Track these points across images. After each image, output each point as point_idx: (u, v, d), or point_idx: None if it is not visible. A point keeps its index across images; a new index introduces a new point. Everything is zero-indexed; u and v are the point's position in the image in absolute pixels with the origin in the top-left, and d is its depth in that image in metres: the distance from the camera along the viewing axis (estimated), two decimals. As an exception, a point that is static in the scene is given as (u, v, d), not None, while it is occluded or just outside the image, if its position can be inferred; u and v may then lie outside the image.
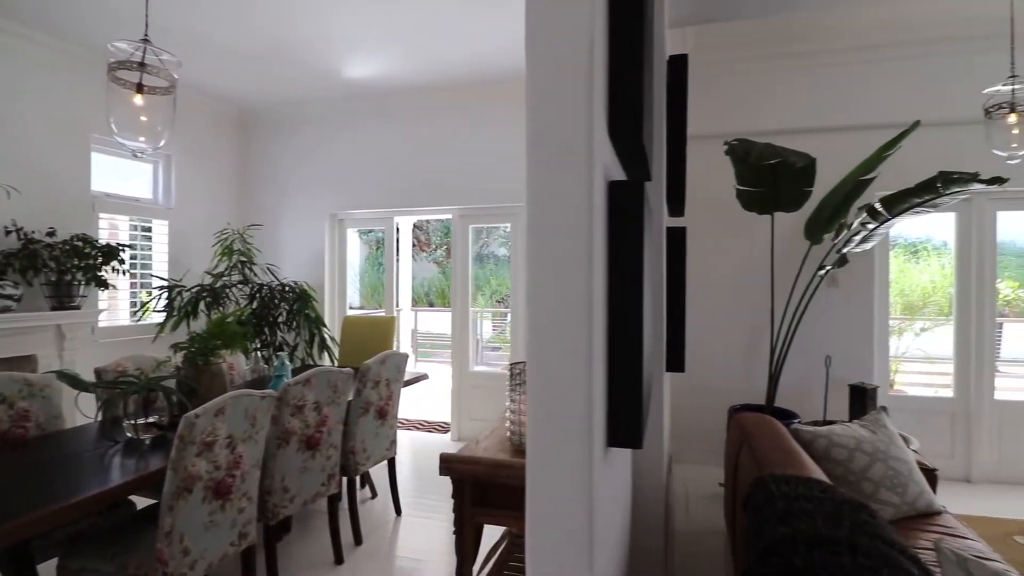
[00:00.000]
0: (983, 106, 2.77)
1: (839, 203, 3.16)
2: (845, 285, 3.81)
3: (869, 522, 1.35)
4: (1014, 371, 7.87)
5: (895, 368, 5.44)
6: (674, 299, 2.07)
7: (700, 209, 3.91)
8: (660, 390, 1.84)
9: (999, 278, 9.72)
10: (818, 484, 1.57)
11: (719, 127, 3.88)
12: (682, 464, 3.94)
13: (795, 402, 3.60)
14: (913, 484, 2.24)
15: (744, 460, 2.12)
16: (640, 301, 1.12)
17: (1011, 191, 3.67)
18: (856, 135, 3.69)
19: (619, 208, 1.13)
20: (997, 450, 3.73)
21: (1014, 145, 2.71)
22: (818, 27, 3.66)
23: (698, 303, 4.00)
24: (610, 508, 1.26)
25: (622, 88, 1.14)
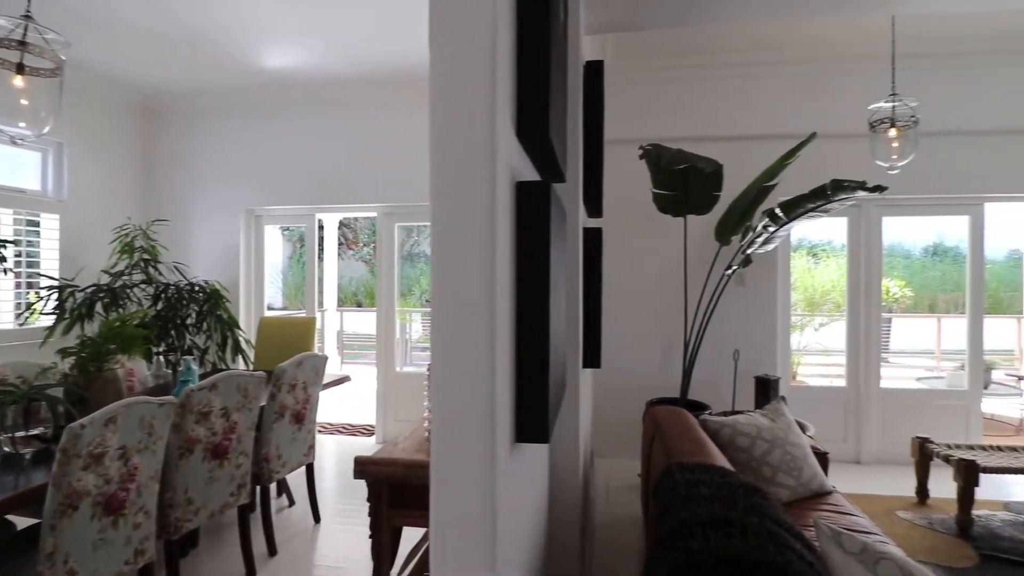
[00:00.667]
0: (868, 121, 3.03)
1: (745, 207, 3.37)
2: (752, 284, 4.07)
3: (761, 504, 1.45)
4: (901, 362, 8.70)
5: (797, 360, 5.87)
6: (591, 297, 2.13)
7: (620, 211, 4.04)
8: (576, 386, 1.88)
9: (889, 278, 10.73)
10: (719, 471, 1.66)
11: (638, 132, 4.03)
12: (604, 458, 4.06)
13: (707, 394, 3.80)
14: (807, 467, 2.43)
15: (656, 451, 2.22)
16: (546, 299, 1.14)
17: (894, 198, 4.06)
18: (761, 144, 3.94)
19: (526, 208, 1.15)
20: (883, 433, 4.11)
21: (894, 157, 3.00)
22: (727, 41, 3.88)
23: (619, 302, 4.14)
24: (521, 503, 1.28)
25: (529, 89, 1.16)
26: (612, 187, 3.96)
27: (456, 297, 0.93)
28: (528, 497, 1.37)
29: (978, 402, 4.14)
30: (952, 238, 5.80)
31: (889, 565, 1.10)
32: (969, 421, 4.10)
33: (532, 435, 1.14)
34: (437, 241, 0.95)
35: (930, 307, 10.12)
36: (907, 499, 3.38)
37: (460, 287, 0.93)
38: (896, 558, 1.12)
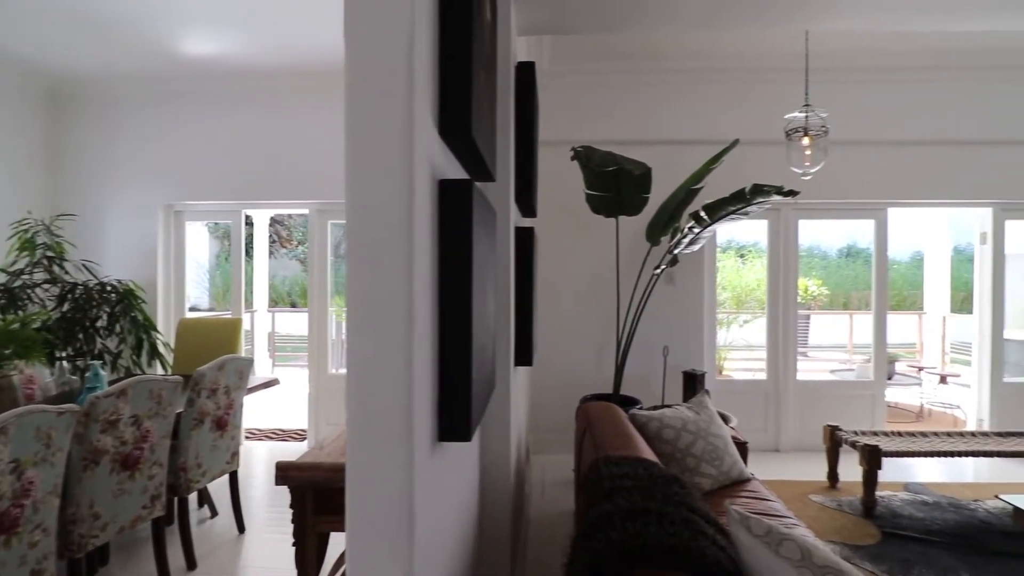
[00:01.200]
0: (784, 129, 3.22)
1: (673, 209, 3.50)
2: (681, 283, 4.24)
3: (679, 493, 1.51)
4: (818, 355, 9.28)
5: (724, 355, 6.17)
6: (523, 296, 2.15)
7: (557, 211, 4.11)
8: (507, 384, 1.90)
9: (807, 277, 11.38)
10: (642, 463, 1.72)
11: (574, 134, 4.11)
12: (541, 454, 4.11)
13: (639, 389, 3.92)
14: (728, 456, 2.55)
15: (587, 446, 2.27)
16: (469, 297, 1.14)
17: (809, 203, 4.33)
18: (689, 148, 4.11)
19: (448, 206, 1.15)
20: (799, 423, 4.38)
21: (807, 164, 3.20)
22: (658, 48, 4.02)
23: (555, 300, 4.21)
24: (446, 502, 1.28)
25: (452, 87, 1.16)
26: (549, 188, 4.02)
27: (371, 294, 0.91)
28: (454, 496, 1.36)
29: (882, 392, 4.50)
30: (863, 241, 6.19)
31: (790, 545, 1.18)
32: (875, 409, 4.45)
33: (455, 434, 1.14)
34: (352, 237, 0.93)
35: (844, 304, 10.90)
36: (819, 483, 3.62)
37: (376, 283, 0.91)
38: (797, 538, 1.19)
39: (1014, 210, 4.46)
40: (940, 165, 4.26)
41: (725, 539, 1.34)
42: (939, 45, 3.86)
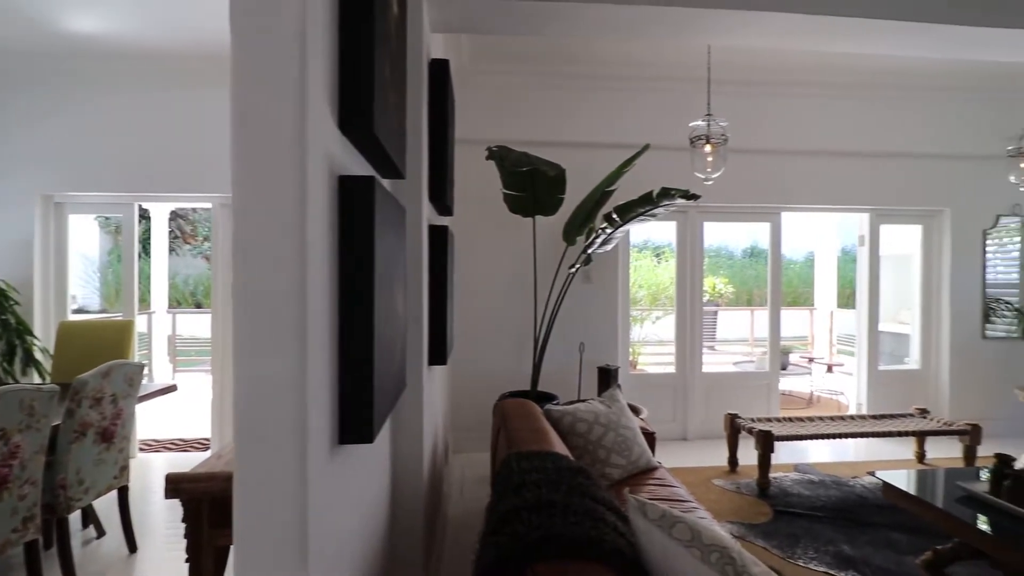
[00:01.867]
0: (688, 136, 3.41)
1: (588, 210, 3.61)
2: (597, 281, 4.38)
3: (584, 484, 1.56)
4: (725, 349, 9.90)
5: (638, 351, 6.45)
6: (437, 294, 2.13)
7: (477, 210, 4.12)
8: (419, 384, 1.88)
9: (716, 276, 12.02)
10: (552, 457, 1.76)
11: (494, 133, 4.14)
12: (462, 453, 4.11)
13: (556, 385, 4.02)
14: (637, 447, 2.67)
15: (501, 442, 2.29)
16: (371, 296, 1.12)
17: (712, 206, 4.62)
18: (604, 151, 4.25)
19: (349, 202, 1.12)
20: (705, 412, 4.66)
21: (709, 169, 3.40)
22: (576, 53, 4.12)
23: (475, 299, 4.22)
24: (349, 506, 1.24)
25: (353, 81, 1.13)
26: (468, 186, 4.03)
27: (260, 293, 0.87)
28: (359, 499, 1.33)
29: (777, 381, 4.88)
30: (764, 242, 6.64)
31: (682, 527, 1.25)
32: (770, 398, 4.82)
33: (356, 436, 1.12)
34: (239, 231, 0.89)
35: (748, 301, 11.72)
36: (722, 468, 3.88)
37: (265, 282, 0.88)
38: (688, 521, 1.27)
39: (887, 216, 4.99)
40: (826, 174, 4.67)
41: (626, 526, 1.40)
42: (827, 65, 4.23)
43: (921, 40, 2.44)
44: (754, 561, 1.22)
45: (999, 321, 4.85)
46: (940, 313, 4.95)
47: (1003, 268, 4.93)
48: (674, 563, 1.22)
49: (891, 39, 2.44)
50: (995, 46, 2.54)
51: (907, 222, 5.04)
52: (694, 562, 1.19)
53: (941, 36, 2.38)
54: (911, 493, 2.49)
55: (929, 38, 2.41)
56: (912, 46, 2.53)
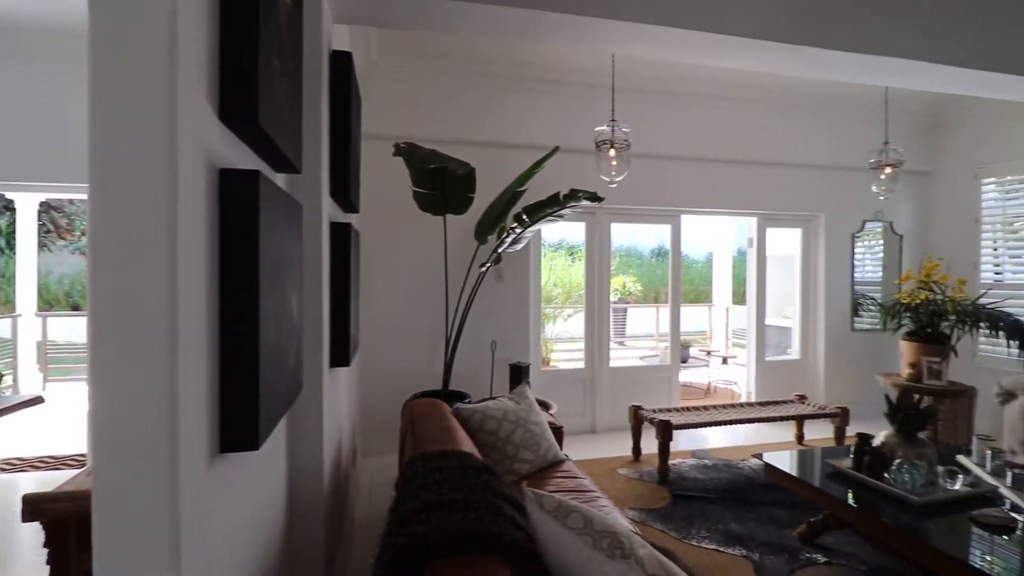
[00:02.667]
0: (594, 140, 3.53)
1: (500, 210, 3.65)
2: (509, 279, 4.44)
3: (486, 480, 1.58)
4: (634, 344, 10.35)
5: (551, 347, 6.61)
6: (340, 294, 2.07)
7: (388, 207, 4.04)
8: (318, 387, 1.82)
9: (626, 275, 12.49)
10: (457, 455, 1.77)
11: (406, 129, 4.07)
12: (372, 456, 4.02)
13: (469, 384, 4.03)
14: (544, 441, 2.74)
15: (408, 443, 2.27)
16: (256, 295, 1.07)
17: (618, 208, 4.82)
18: (517, 152, 4.31)
19: (231, 197, 1.06)
20: (612, 405, 4.86)
21: (613, 173, 3.54)
22: (484, 54, 4.15)
23: (387, 298, 4.14)
24: (235, 518, 1.18)
25: (235, 70, 1.07)
26: (379, 183, 3.93)
27: (120, 294, 0.81)
28: (248, 509, 1.27)
29: (677, 374, 5.19)
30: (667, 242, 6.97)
31: (576, 516, 1.30)
32: (671, 389, 5.11)
33: (240, 444, 1.07)
34: (95, 227, 0.82)
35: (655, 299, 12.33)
36: (626, 458, 4.06)
37: (125, 282, 0.81)
38: (582, 510, 1.33)
39: (772, 220, 5.44)
40: (720, 180, 5.02)
41: (525, 518, 1.43)
42: (720, 79, 4.54)
43: (793, 61, 2.69)
44: (641, 543, 1.29)
45: (865, 315, 5.45)
46: (816, 308, 5.48)
47: (870, 267, 5.54)
48: (568, 550, 1.27)
49: (767, 58, 2.68)
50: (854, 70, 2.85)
51: (789, 226, 5.53)
52: (586, 548, 1.25)
53: (810, 58, 2.64)
54: (787, 472, 2.75)
55: (799, 59, 2.67)
56: (785, 65, 2.79)
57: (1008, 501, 2.35)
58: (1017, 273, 4.71)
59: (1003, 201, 4.89)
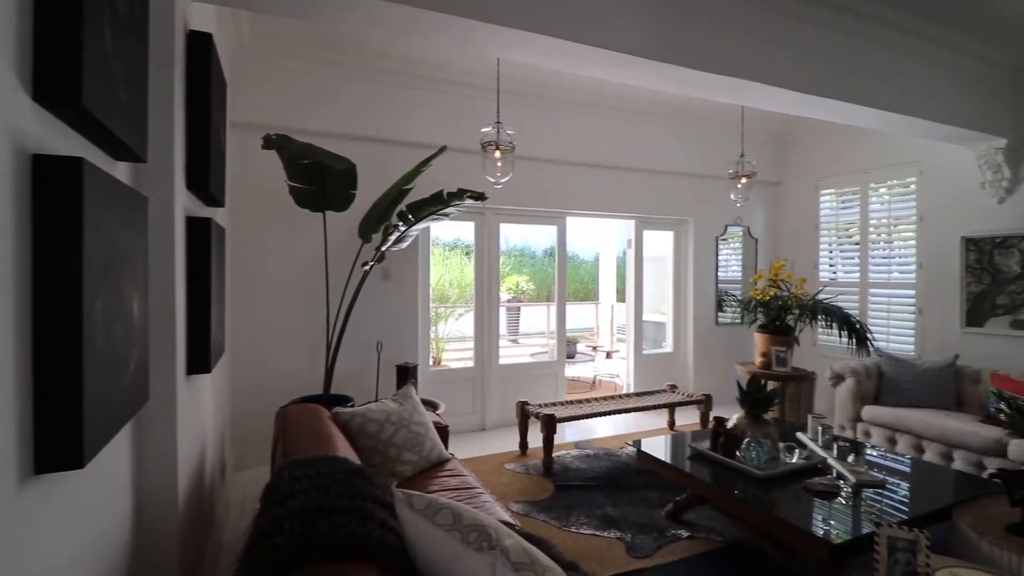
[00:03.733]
0: (480, 141, 3.57)
1: (385, 208, 3.58)
2: (396, 278, 4.36)
3: (357, 484, 1.54)
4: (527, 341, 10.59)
5: (442, 347, 6.59)
6: (198, 294, 1.92)
7: (262, 202, 3.80)
8: (171, 397, 1.67)
9: (519, 274, 12.68)
10: (328, 461, 1.70)
11: (283, 120, 3.87)
12: (248, 469, 3.76)
13: (354, 387, 3.91)
14: (428, 441, 2.72)
15: (279, 452, 2.15)
16: (78, 297, 0.96)
17: (506, 208, 4.92)
18: (403, 149, 4.26)
19: (45, 186, 0.94)
20: (501, 402, 4.95)
21: (499, 174, 3.60)
22: (368, 46, 4.04)
23: (263, 299, 3.89)
24: (63, 545, 1.05)
25: (47, 44, 0.95)
26: (255, 176, 3.69)
27: None
28: (79, 536, 1.13)
29: (563, 369, 5.40)
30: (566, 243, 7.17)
31: (445, 513, 1.31)
32: (557, 384, 5.30)
33: (59, 462, 0.95)
34: None
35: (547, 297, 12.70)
36: (514, 453, 4.16)
37: None
38: (452, 507, 1.34)
39: (649, 223, 5.84)
40: (602, 184, 5.30)
41: (396, 520, 1.42)
42: (601, 89, 4.79)
43: (658, 76, 2.92)
44: (508, 534, 1.33)
45: (728, 310, 6.02)
46: (687, 305, 5.97)
47: (732, 267, 6.13)
48: (438, 547, 1.28)
49: (636, 72, 2.87)
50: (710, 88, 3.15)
51: (663, 228, 5.97)
52: (455, 543, 1.26)
53: (671, 74, 2.87)
54: (655, 456, 2.97)
55: (663, 75, 2.89)
56: (651, 80, 3.00)
57: (834, 470, 2.72)
58: (848, 272, 5.45)
59: (837, 210, 5.63)
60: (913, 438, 3.82)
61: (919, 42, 3.55)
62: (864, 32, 3.33)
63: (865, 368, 4.25)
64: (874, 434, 4.06)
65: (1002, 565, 1.97)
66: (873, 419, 4.06)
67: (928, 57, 3.63)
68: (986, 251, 4.35)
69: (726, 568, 2.57)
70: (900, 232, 5.04)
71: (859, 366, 4.26)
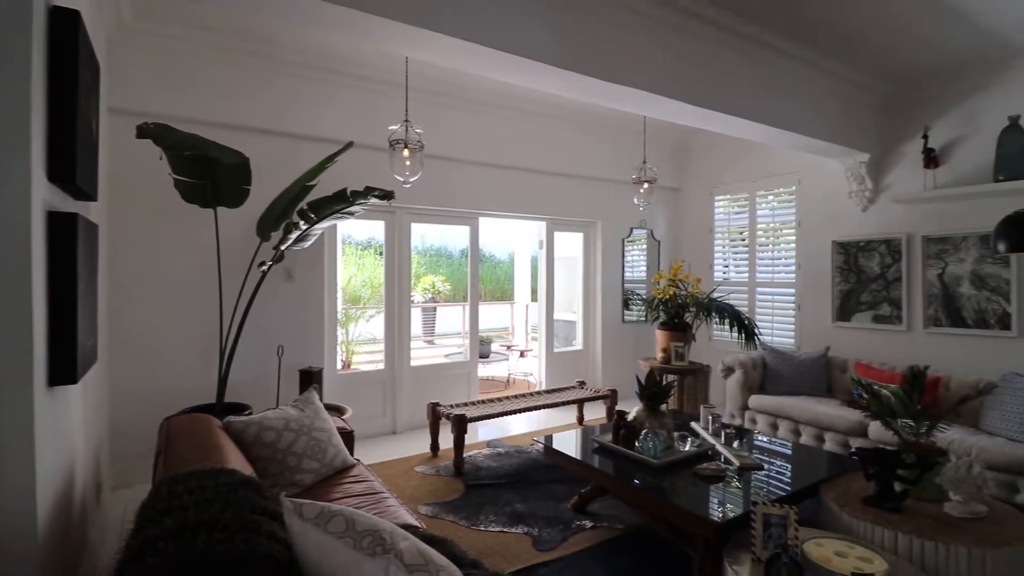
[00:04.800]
0: (388, 139, 3.50)
1: (286, 204, 3.42)
2: (301, 279, 4.18)
3: (244, 496, 1.46)
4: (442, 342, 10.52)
5: (353, 349, 6.40)
6: (62, 297, 1.73)
7: (146, 197, 3.51)
8: (27, 411, 1.50)
9: (435, 274, 12.56)
10: (213, 474, 1.61)
11: (176, 109, 3.60)
12: (131, 487, 3.44)
13: (254, 394, 3.70)
14: (332, 448, 2.63)
15: (160, 467, 2.00)
16: None
17: (418, 208, 4.86)
18: (308, 144, 4.09)
19: None
20: (413, 404, 4.88)
21: (407, 173, 3.55)
22: (268, 36, 3.84)
23: (147, 303, 3.59)
24: None
25: None
26: (139, 168, 3.39)
27: None
28: None
29: (476, 369, 5.42)
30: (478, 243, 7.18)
31: (338, 520, 1.28)
32: (470, 384, 5.32)
33: None
34: None
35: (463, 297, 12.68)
36: (425, 455, 4.12)
37: None
38: (345, 513, 1.31)
39: (559, 224, 6.00)
40: (514, 185, 5.37)
41: (286, 531, 1.36)
42: (514, 92, 4.85)
43: (562, 82, 3.01)
44: (404, 536, 1.32)
45: (634, 308, 6.31)
46: (595, 303, 6.20)
47: (638, 268, 6.43)
48: (329, 556, 1.25)
49: (540, 78, 2.94)
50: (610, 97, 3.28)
51: (573, 230, 6.16)
52: (347, 550, 1.24)
53: (573, 82, 2.97)
54: (560, 451, 3.06)
55: (566, 82, 2.99)
56: (555, 85, 3.09)
57: (722, 456, 2.93)
58: (739, 272, 5.90)
59: (730, 215, 6.07)
60: (792, 423, 4.21)
61: (799, 65, 3.91)
62: (750, 53, 3.62)
63: (752, 360, 4.62)
64: (759, 421, 4.43)
65: (858, 533, 2.22)
66: (758, 407, 4.42)
67: (805, 78, 4.01)
68: (852, 254, 4.88)
69: (626, 554, 2.70)
70: (784, 236, 5.52)
71: (747, 359, 4.63)
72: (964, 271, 4.16)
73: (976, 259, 4.10)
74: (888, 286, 4.61)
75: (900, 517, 2.21)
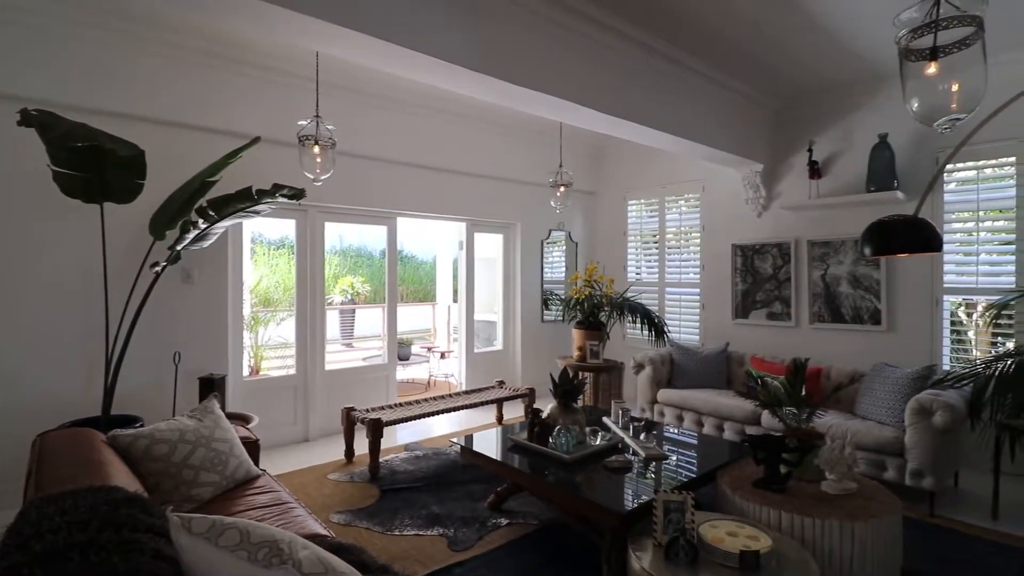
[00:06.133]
0: (297, 135, 3.37)
1: (184, 201, 3.20)
2: (202, 280, 3.92)
3: (127, 514, 1.36)
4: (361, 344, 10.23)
5: (261, 355, 6.09)
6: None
7: (18, 191, 3.16)
8: None
9: (355, 275, 12.20)
10: (91, 493, 1.48)
11: (61, 96, 3.26)
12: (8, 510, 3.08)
13: (147, 405, 3.43)
14: (233, 459, 2.50)
15: (31, 488, 1.82)
16: None
17: (332, 207, 4.72)
18: (210, 137, 3.86)
19: None
20: (327, 410, 4.72)
21: (318, 171, 3.44)
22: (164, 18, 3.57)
23: (19, 308, 3.24)
24: None
25: None
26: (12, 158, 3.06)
27: None
28: None
29: (394, 371, 5.33)
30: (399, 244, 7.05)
31: (231, 533, 1.22)
32: (389, 387, 5.23)
33: None
34: None
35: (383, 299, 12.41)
36: (339, 462, 4.00)
37: None
38: (239, 525, 1.25)
39: (479, 225, 6.03)
40: (433, 186, 5.33)
41: (173, 548, 1.28)
42: (433, 92, 4.79)
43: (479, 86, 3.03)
44: (304, 546, 1.29)
45: (553, 308, 6.46)
46: (515, 304, 6.28)
47: (556, 269, 6.59)
48: (222, 570, 1.19)
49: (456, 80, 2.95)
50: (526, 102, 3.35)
51: (493, 231, 6.21)
52: (242, 563, 1.19)
53: (489, 85, 3.00)
54: (476, 450, 3.08)
55: (483, 86, 3.01)
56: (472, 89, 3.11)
57: (630, 448, 3.07)
58: (650, 273, 6.19)
59: (642, 218, 6.36)
60: (696, 415, 4.48)
61: (702, 80, 4.17)
62: (659, 66, 3.82)
63: (660, 357, 4.87)
64: (667, 413, 4.67)
65: (748, 514, 2.41)
66: (666, 401, 4.67)
67: (708, 92, 4.29)
68: (749, 256, 5.26)
69: (541, 549, 2.76)
70: (691, 239, 5.86)
71: (656, 355, 4.87)
72: (843, 272, 4.62)
73: (852, 261, 4.56)
74: (780, 286, 5.02)
75: (783, 497, 2.42)
